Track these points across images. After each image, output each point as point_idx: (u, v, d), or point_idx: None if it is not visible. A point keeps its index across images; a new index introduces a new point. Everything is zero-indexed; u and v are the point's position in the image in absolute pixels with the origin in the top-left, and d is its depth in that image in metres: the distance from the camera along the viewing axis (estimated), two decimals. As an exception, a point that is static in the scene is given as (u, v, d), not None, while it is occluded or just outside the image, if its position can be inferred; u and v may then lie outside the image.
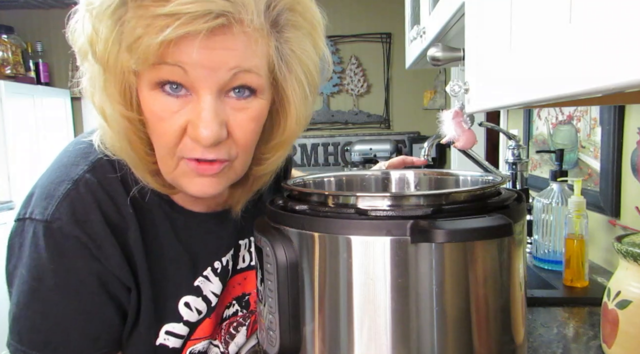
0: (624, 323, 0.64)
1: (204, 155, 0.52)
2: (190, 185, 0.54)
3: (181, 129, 0.51)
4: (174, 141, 0.51)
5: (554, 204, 1.09)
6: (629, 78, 0.26)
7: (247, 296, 0.70)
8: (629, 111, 1.06)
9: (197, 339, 0.62)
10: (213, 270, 0.64)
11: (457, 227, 0.43)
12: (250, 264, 0.71)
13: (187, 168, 0.53)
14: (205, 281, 0.62)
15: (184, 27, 0.45)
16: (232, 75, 0.49)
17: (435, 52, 0.92)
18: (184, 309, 0.60)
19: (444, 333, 0.46)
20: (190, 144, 0.51)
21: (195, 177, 0.53)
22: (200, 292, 0.62)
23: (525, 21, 0.45)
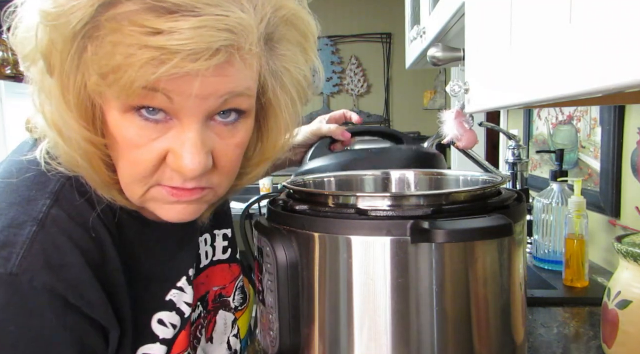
0: (624, 323, 0.64)
1: (184, 184, 0.47)
2: (162, 211, 0.49)
3: (160, 157, 0.45)
4: (150, 170, 0.46)
5: (554, 204, 1.09)
6: (629, 78, 0.26)
7: (207, 294, 0.65)
8: (629, 111, 1.06)
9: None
10: (188, 279, 0.58)
11: (457, 227, 0.43)
12: (213, 260, 0.66)
13: (159, 194, 0.48)
14: (180, 292, 0.57)
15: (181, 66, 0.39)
16: (222, 101, 0.44)
17: (435, 52, 0.92)
18: (158, 327, 0.54)
19: (444, 333, 0.46)
20: (169, 173, 0.46)
21: (168, 203, 0.48)
22: (173, 305, 0.56)
23: (525, 21, 0.45)
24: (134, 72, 0.39)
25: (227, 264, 0.69)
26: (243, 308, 0.71)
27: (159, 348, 0.54)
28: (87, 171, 0.47)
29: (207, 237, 0.66)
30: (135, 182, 0.47)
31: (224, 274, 0.67)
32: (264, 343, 0.56)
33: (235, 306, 0.69)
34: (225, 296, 0.67)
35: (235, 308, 0.69)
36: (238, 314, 0.69)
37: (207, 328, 0.65)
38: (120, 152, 0.46)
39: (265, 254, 0.51)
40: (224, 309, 0.67)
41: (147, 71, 0.39)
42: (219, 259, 0.68)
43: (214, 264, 0.66)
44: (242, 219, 0.74)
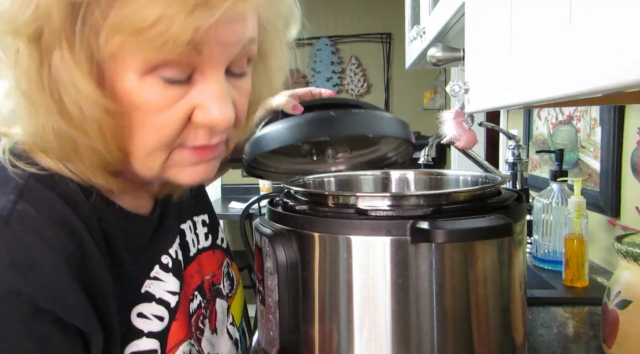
0: (624, 323, 0.64)
1: (210, 141, 0.46)
2: (184, 174, 0.48)
3: (186, 117, 0.44)
4: (176, 132, 0.44)
5: (554, 204, 1.09)
6: (629, 78, 0.26)
7: (203, 283, 0.63)
8: (629, 111, 1.06)
9: (175, 348, 0.54)
10: (163, 267, 0.55)
11: (457, 227, 0.43)
12: (203, 247, 0.65)
13: (182, 157, 0.47)
14: (155, 282, 0.54)
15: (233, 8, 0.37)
16: (241, 48, 0.43)
17: (435, 52, 0.92)
18: (140, 321, 0.51)
19: (444, 333, 0.46)
20: (194, 132, 0.45)
21: (189, 165, 0.47)
22: (152, 296, 0.53)
23: (525, 21, 0.45)
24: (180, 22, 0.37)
25: (211, 251, 0.67)
26: (232, 294, 0.68)
27: (150, 343, 0.51)
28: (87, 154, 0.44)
29: (190, 225, 0.64)
30: (157, 150, 0.45)
31: (210, 262, 0.66)
32: (264, 343, 0.56)
33: (226, 293, 0.67)
34: (217, 284, 0.65)
35: (227, 295, 0.67)
36: (230, 300, 0.67)
37: (210, 319, 0.62)
38: (139, 119, 0.43)
39: (265, 254, 0.51)
40: (220, 298, 0.65)
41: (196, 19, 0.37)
42: (203, 246, 0.65)
43: (201, 252, 0.64)
44: (242, 219, 0.74)
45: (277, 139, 0.68)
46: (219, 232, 0.70)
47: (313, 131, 0.69)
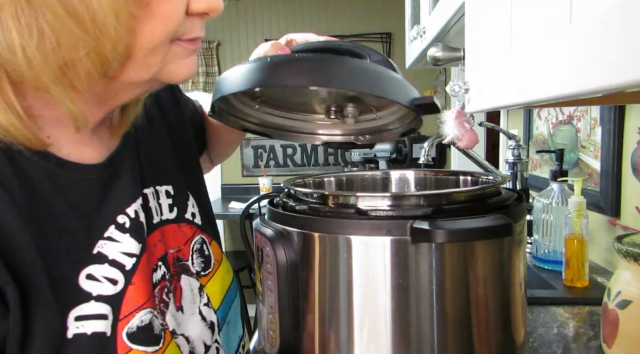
0: (624, 323, 0.64)
1: (202, 32, 0.49)
2: (181, 67, 0.49)
3: (186, 6, 0.45)
4: (181, 21, 0.45)
5: (554, 204, 1.09)
6: (629, 78, 0.26)
7: (166, 255, 0.60)
8: (629, 111, 1.06)
9: (131, 315, 0.51)
10: (119, 227, 0.53)
11: (457, 227, 0.43)
12: (167, 218, 0.62)
13: (180, 49, 0.48)
14: (109, 242, 0.52)
15: None
16: None
17: (436, 52, 0.92)
18: (88, 283, 0.49)
19: (444, 333, 0.46)
20: (190, 23, 0.47)
21: (185, 58, 0.49)
22: (104, 258, 0.51)
23: (526, 21, 0.45)
24: None
25: (177, 225, 0.63)
26: (208, 273, 0.65)
27: (99, 307, 0.49)
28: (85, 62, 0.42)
29: (153, 192, 0.61)
30: (163, 43, 0.45)
31: (176, 235, 0.62)
32: (264, 343, 0.56)
33: (197, 271, 0.64)
34: (183, 259, 0.62)
35: (197, 273, 0.64)
36: (202, 280, 0.64)
37: (174, 294, 0.59)
38: (150, 10, 0.43)
39: (265, 254, 0.51)
40: (187, 275, 0.62)
41: None
42: (167, 218, 0.63)
43: (165, 224, 0.62)
44: (242, 219, 0.74)
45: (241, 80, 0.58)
46: (188, 206, 0.66)
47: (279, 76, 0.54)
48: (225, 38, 3.83)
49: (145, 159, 0.61)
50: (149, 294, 0.54)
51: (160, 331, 0.54)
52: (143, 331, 0.52)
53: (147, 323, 0.52)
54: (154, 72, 0.47)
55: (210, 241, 0.68)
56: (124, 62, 0.45)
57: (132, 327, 0.51)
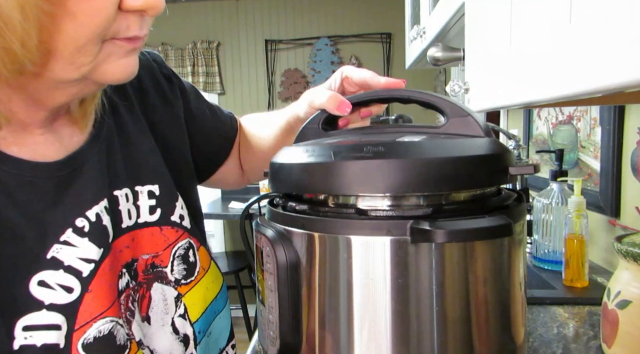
0: (624, 323, 0.64)
1: (141, 30, 0.45)
2: (117, 68, 0.45)
3: (118, 2, 0.42)
4: (110, 18, 0.42)
5: (554, 204, 1.09)
6: (629, 78, 0.26)
7: (135, 263, 0.56)
8: (629, 111, 1.06)
9: (87, 325, 0.48)
10: (77, 230, 0.50)
11: (457, 228, 0.43)
12: (146, 221, 0.58)
13: (115, 48, 0.44)
14: (65, 247, 0.48)
15: None
16: None
17: (435, 52, 0.92)
18: (40, 291, 0.46)
19: (444, 333, 0.46)
20: (125, 20, 0.43)
21: (122, 57, 0.45)
22: (60, 263, 0.48)
23: (526, 21, 0.45)
24: None
25: (158, 228, 0.59)
26: (190, 282, 0.61)
27: (52, 317, 0.46)
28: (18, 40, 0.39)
29: (128, 193, 0.57)
30: (90, 42, 0.42)
31: (154, 240, 0.58)
32: (264, 343, 0.56)
33: (176, 279, 0.60)
34: (159, 266, 0.58)
35: (176, 282, 0.60)
36: (182, 289, 0.60)
37: (140, 305, 0.56)
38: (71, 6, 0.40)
39: (266, 254, 0.51)
40: (161, 283, 0.58)
41: None
42: (145, 221, 0.58)
43: (141, 227, 0.58)
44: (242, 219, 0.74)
45: (298, 180, 0.50)
46: (176, 207, 0.62)
47: (345, 184, 0.45)
48: (225, 38, 3.83)
49: (120, 158, 0.57)
50: (109, 302, 0.50)
51: (126, 341, 0.52)
52: (101, 341, 0.49)
53: (106, 333, 0.49)
54: (85, 71, 0.44)
55: (199, 246, 0.64)
56: (45, 59, 0.42)
57: (89, 338, 0.48)
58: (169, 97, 0.69)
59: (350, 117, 0.63)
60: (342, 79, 0.64)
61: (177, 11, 3.78)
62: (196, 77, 3.78)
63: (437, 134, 0.51)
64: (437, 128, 0.52)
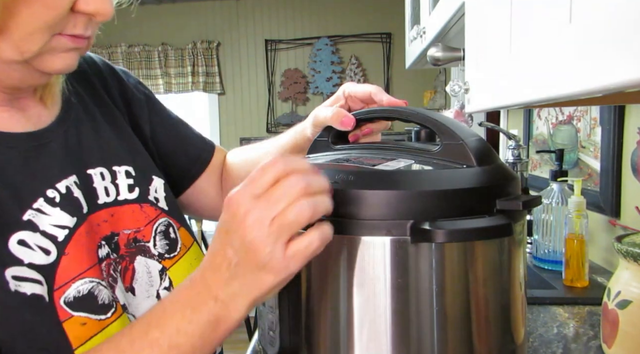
0: (624, 323, 0.64)
1: (86, 31, 0.50)
2: (58, 60, 0.50)
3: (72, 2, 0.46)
4: (63, 14, 0.46)
5: (554, 204, 1.09)
6: (628, 78, 0.26)
7: (116, 237, 0.60)
8: (629, 111, 1.06)
9: (67, 285, 0.51)
10: (48, 200, 0.53)
11: (457, 228, 0.43)
12: (118, 199, 0.61)
13: (59, 43, 0.49)
14: (39, 214, 0.52)
15: None
16: None
17: (435, 52, 0.92)
18: (20, 249, 0.50)
19: (444, 333, 0.46)
20: (74, 20, 0.48)
21: (63, 52, 0.50)
22: (36, 227, 0.51)
23: (525, 21, 0.45)
24: None
25: (138, 205, 0.63)
26: (173, 256, 0.64)
27: (31, 273, 0.49)
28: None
29: (104, 172, 0.61)
30: (40, 31, 0.46)
31: (135, 216, 0.62)
32: (263, 343, 0.56)
33: (159, 253, 0.63)
34: (142, 240, 0.62)
35: (160, 255, 0.63)
36: (166, 262, 0.63)
37: (123, 276, 0.59)
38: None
39: (265, 254, 0.51)
40: (144, 256, 0.61)
41: None
42: (126, 198, 0.62)
43: (121, 204, 0.61)
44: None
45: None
46: (150, 190, 0.66)
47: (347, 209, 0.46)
48: (225, 38, 3.83)
49: (91, 140, 0.61)
50: (88, 264, 0.54)
51: (111, 301, 0.55)
52: (83, 300, 0.52)
53: (85, 293, 0.52)
54: (28, 57, 0.48)
55: (179, 227, 0.67)
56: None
57: (69, 296, 0.51)
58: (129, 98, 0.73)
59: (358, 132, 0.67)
60: (345, 97, 0.68)
61: (177, 11, 3.78)
62: (196, 77, 3.78)
63: (429, 159, 0.52)
64: (431, 153, 0.53)
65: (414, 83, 3.62)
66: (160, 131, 0.75)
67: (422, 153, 0.54)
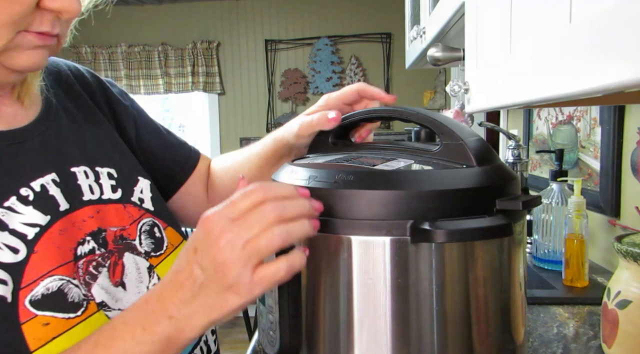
0: (624, 323, 0.64)
1: (53, 29, 0.49)
2: (24, 56, 0.50)
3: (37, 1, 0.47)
4: (28, 11, 0.46)
5: (554, 204, 1.09)
6: (628, 78, 0.26)
7: (103, 233, 0.61)
8: (629, 111, 1.06)
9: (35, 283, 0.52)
10: (21, 199, 0.54)
11: (457, 228, 0.43)
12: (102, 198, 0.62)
13: (25, 40, 0.49)
14: (10, 212, 0.53)
15: None
16: None
17: (435, 52, 0.92)
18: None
19: (444, 333, 0.46)
20: (40, 17, 0.48)
21: (29, 49, 0.50)
22: (5, 226, 0.51)
23: (525, 21, 0.45)
24: None
25: (122, 205, 0.64)
26: (159, 255, 0.66)
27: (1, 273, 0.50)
28: None
29: (87, 171, 0.62)
30: (5, 26, 0.46)
31: (120, 215, 0.63)
32: (264, 343, 0.56)
33: (145, 251, 0.65)
34: (127, 238, 0.63)
35: (147, 254, 0.65)
36: (153, 260, 0.65)
37: (113, 271, 0.60)
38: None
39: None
40: (132, 253, 0.63)
41: None
42: (109, 198, 0.63)
43: (105, 203, 0.62)
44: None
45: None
46: (134, 191, 0.67)
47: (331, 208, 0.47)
48: (225, 38, 3.83)
49: (72, 140, 0.62)
50: (58, 262, 0.54)
51: (81, 300, 0.55)
52: (50, 297, 0.52)
53: (55, 290, 0.52)
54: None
55: (165, 226, 0.68)
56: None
57: (37, 294, 0.51)
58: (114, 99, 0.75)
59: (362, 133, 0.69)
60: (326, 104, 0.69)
61: (177, 11, 3.78)
62: (196, 77, 3.78)
63: (428, 159, 0.52)
64: (431, 153, 0.53)
65: (414, 83, 3.62)
66: (146, 136, 0.76)
67: (421, 153, 0.54)
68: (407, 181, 0.47)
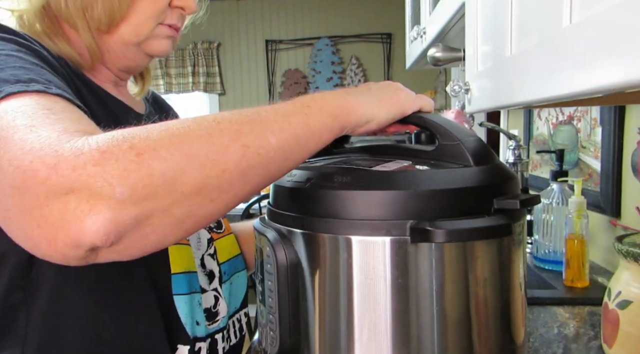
0: (625, 323, 0.64)
1: (178, 22, 0.65)
2: (160, 44, 0.65)
3: (169, 1, 0.63)
4: (164, 7, 0.62)
5: (554, 204, 1.09)
6: (628, 78, 0.26)
7: None
8: (629, 111, 1.06)
9: None
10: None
11: (456, 227, 0.43)
12: None
13: (161, 31, 0.64)
14: None
15: None
16: None
17: (436, 53, 0.92)
18: None
19: (444, 333, 0.46)
20: (171, 12, 0.63)
21: (164, 38, 0.65)
22: None
23: (525, 21, 0.45)
24: None
25: None
26: (220, 232, 0.76)
27: None
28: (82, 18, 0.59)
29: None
30: (151, 18, 0.62)
31: None
32: (264, 343, 0.56)
33: (209, 227, 0.74)
34: None
35: (210, 229, 0.74)
36: (214, 235, 0.75)
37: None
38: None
39: (266, 255, 0.51)
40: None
41: None
42: None
43: None
44: (243, 219, 0.74)
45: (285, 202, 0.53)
46: None
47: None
48: (226, 38, 3.83)
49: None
50: None
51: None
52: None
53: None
54: (141, 39, 0.63)
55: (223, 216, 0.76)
56: (120, 21, 0.61)
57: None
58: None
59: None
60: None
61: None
62: (197, 77, 3.78)
63: (426, 159, 0.52)
64: (428, 154, 0.53)
65: (414, 83, 3.61)
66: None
67: (419, 154, 0.54)
68: (407, 181, 0.47)
